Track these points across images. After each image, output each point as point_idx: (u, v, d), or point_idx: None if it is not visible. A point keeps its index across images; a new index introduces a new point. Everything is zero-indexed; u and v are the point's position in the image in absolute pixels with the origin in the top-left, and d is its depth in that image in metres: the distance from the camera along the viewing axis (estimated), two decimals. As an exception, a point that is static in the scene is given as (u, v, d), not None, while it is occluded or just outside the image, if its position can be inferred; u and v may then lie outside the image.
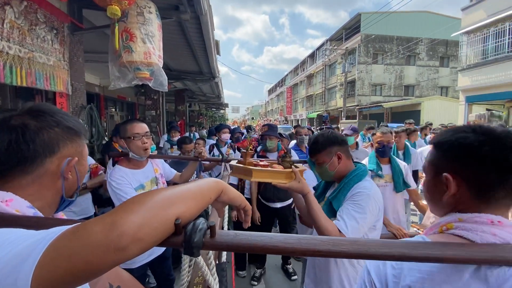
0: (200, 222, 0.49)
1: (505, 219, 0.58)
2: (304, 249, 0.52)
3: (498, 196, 0.59)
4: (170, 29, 4.05)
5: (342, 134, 4.07)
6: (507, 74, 10.82)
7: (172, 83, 6.42)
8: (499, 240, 0.55)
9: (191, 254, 0.48)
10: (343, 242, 0.53)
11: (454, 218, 0.61)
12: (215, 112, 17.93)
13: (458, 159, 0.62)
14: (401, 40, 21.88)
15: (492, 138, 0.59)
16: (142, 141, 1.73)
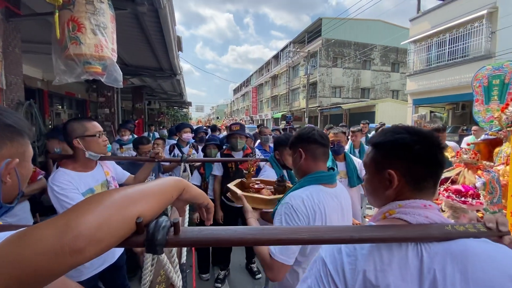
0: (164, 219, 0.49)
1: (433, 203, 0.69)
2: (267, 239, 0.55)
3: (428, 186, 0.70)
4: (126, 22, 3.77)
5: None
6: (447, 80, 12.18)
7: (129, 79, 6.00)
8: (429, 220, 0.64)
9: (154, 252, 0.48)
10: (302, 230, 0.58)
11: (395, 205, 0.69)
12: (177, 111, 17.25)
13: (398, 157, 0.70)
14: (358, 45, 23.40)
15: (422, 137, 0.69)
16: (103, 139, 1.66)
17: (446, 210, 1.37)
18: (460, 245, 0.59)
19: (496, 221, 0.63)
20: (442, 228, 0.61)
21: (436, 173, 0.70)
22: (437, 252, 0.60)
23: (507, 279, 0.54)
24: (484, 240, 0.61)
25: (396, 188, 0.70)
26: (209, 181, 2.99)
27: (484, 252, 0.57)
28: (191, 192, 0.60)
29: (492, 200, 1.53)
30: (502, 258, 0.56)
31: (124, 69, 5.54)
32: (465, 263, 0.57)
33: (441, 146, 0.70)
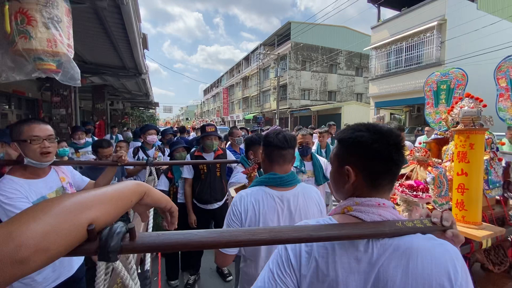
0: (118, 225, 0.48)
1: (387, 201, 0.72)
2: (227, 241, 0.56)
3: (384, 183, 0.73)
4: (85, 17, 3.52)
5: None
6: (404, 85, 13.18)
7: (89, 77, 5.60)
8: (382, 218, 0.68)
9: (107, 259, 0.46)
10: (261, 231, 0.59)
11: (352, 202, 0.73)
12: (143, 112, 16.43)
13: (356, 154, 0.73)
14: (325, 50, 24.41)
15: (380, 136, 0.71)
16: (43, 145, 1.44)
17: (401, 204, 1.47)
18: (406, 242, 0.63)
19: (440, 216, 0.68)
20: (393, 225, 0.65)
21: (391, 171, 0.72)
22: (385, 248, 0.64)
23: (443, 274, 0.58)
24: (430, 237, 0.65)
25: (353, 183, 0.73)
26: (178, 185, 2.90)
27: (425, 249, 0.61)
28: (153, 196, 0.58)
29: (440, 193, 1.67)
30: (441, 255, 0.60)
31: (83, 66, 5.17)
32: (408, 259, 0.61)
33: (398, 145, 0.71)
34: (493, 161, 1.71)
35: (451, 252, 0.61)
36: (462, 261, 0.61)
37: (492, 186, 1.73)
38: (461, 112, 1.37)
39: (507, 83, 1.91)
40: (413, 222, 0.67)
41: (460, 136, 1.37)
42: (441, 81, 2.12)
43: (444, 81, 2.10)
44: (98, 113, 6.86)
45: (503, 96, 1.94)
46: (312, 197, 1.34)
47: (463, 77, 2.02)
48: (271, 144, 1.31)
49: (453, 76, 2.03)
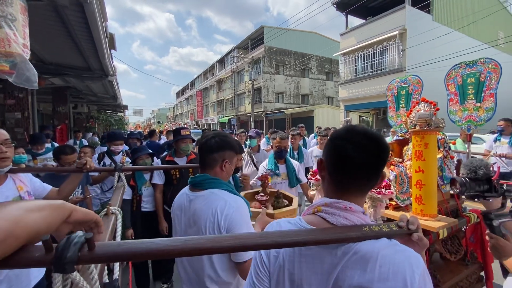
0: (77, 235, 0.47)
1: (356, 205, 0.71)
2: (190, 249, 0.55)
3: (345, 183, 0.73)
4: (44, 15, 3.29)
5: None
6: (371, 89, 13.94)
7: (48, 78, 5.21)
8: (349, 222, 0.68)
9: (62, 270, 0.46)
10: (226, 238, 0.59)
11: (322, 202, 0.73)
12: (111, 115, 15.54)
13: (326, 148, 0.77)
14: (297, 55, 25.09)
15: (347, 134, 0.73)
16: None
17: (367, 200, 1.55)
18: (368, 246, 0.63)
19: (407, 220, 0.69)
20: (360, 229, 0.66)
21: (351, 172, 0.70)
22: (347, 251, 0.64)
23: (399, 279, 0.58)
24: (394, 243, 0.65)
25: (323, 179, 0.77)
26: (142, 193, 2.78)
27: (385, 254, 0.61)
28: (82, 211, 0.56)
29: (402, 190, 1.79)
30: (400, 262, 0.60)
31: (42, 67, 4.79)
32: (367, 262, 0.61)
33: (358, 143, 0.69)
34: (446, 159, 1.87)
35: (411, 259, 0.61)
36: (423, 269, 0.61)
37: (446, 181, 1.89)
38: (416, 115, 1.49)
39: (455, 88, 2.12)
40: (380, 226, 0.67)
41: (416, 137, 1.49)
42: (400, 87, 2.31)
43: (404, 87, 2.29)
44: (59, 117, 6.36)
45: (453, 101, 2.15)
46: (211, 207, 1.19)
47: (419, 83, 2.22)
48: (199, 149, 1.34)
49: (411, 82, 2.23)
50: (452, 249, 1.85)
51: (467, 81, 2.09)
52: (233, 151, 1.31)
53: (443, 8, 13.64)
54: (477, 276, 1.92)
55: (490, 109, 2.04)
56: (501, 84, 2.01)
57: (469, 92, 2.08)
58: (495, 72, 1.99)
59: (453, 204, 1.97)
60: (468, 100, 2.12)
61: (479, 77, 2.05)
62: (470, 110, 2.11)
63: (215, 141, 1.28)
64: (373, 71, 13.89)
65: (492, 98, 2.01)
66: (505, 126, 4.19)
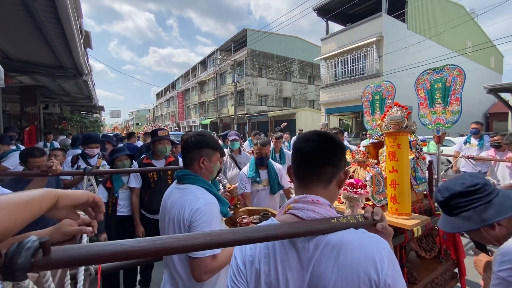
0: (30, 240, 0.44)
1: (322, 199, 0.75)
2: (158, 249, 0.53)
3: (301, 174, 0.78)
4: (11, 9, 3.08)
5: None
6: (350, 93, 14.37)
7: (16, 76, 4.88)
8: (318, 215, 0.71)
9: (12, 278, 0.42)
10: (196, 236, 0.57)
11: (292, 200, 0.77)
12: (85, 117, 14.82)
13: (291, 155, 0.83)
14: (280, 58, 25.41)
15: (304, 134, 0.82)
16: None
17: (344, 201, 1.57)
18: (338, 236, 0.66)
19: (371, 212, 0.74)
20: (328, 221, 0.68)
21: (302, 162, 0.78)
22: (318, 244, 0.67)
23: (370, 264, 0.61)
24: (361, 231, 0.69)
25: (294, 183, 0.81)
26: (118, 195, 2.66)
27: (355, 242, 0.65)
28: (69, 196, 0.56)
29: (378, 190, 1.83)
30: (369, 245, 0.64)
31: (9, 64, 4.49)
32: (338, 252, 0.64)
33: (310, 139, 0.78)
34: (418, 160, 1.95)
35: (379, 243, 0.65)
36: (390, 252, 0.65)
37: (419, 181, 1.96)
38: (388, 118, 1.54)
39: (424, 93, 2.24)
40: (347, 218, 0.70)
41: (389, 138, 1.54)
42: (375, 92, 2.41)
43: (378, 92, 2.39)
44: (28, 118, 5.95)
45: (423, 105, 2.27)
46: (182, 200, 1.25)
47: (392, 88, 2.33)
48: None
49: (384, 88, 2.32)
50: (427, 247, 1.92)
51: (434, 86, 2.21)
52: (210, 149, 1.36)
53: (417, 17, 14.39)
54: (452, 273, 2.00)
55: (456, 112, 2.17)
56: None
57: (437, 97, 2.20)
58: (459, 78, 2.12)
59: (427, 203, 2.06)
60: (436, 104, 2.23)
61: (445, 82, 2.17)
62: (438, 114, 2.23)
63: (193, 140, 1.36)
64: (352, 76, 14.34)
65: (458, 101, 2.14)
66: (479, 128, 4.45)
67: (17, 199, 0.48)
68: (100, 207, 0.64)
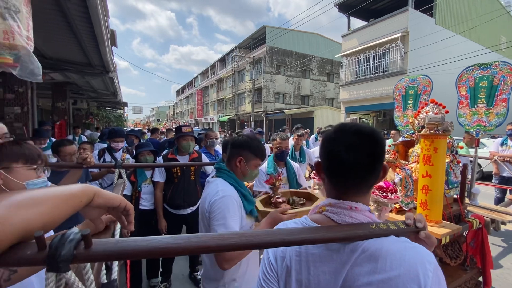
0: (72, 232, 0.45)
1: (361, 205, 0.70)
2: (194, 247, 0.52)
3: (346, 186, 0.70)
4: (46, 8, 3.24)
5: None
6: (372, 91, 13.92)
7: (48, 73, 5.16)
8: (355, 220, 0.67)
9: (56, 269, 0.43)
10: (231, 236, 0.56)
11: (327, 202, 0.73)
12: (110, 112, 15.45)
13: (320, 151, 0.75)
14: (299, 55, 25.06)
15: (338, 135, 0.70)
16: None
17: (371, 204, 1.52)
18: (376, 244, 0.62)
19: (413, 218, 0.68)
20: (367, 227, 0.65)
21: (346, 174, 0.68)
22: (355, 249, 0.63)
23: (412, 276, 0.56)
24: (403, 239, 0.64)
25: (323, 179, 0.75)
26: (141, 189, 2.74)
27: (396, 250, 0.60)
28: (104, 196, 0.56)
29: (407, 193, 1.76)
30: (412, 257, 0.59)
31: (43, 61, 4.73)
32: (377, 259, 0.60)
33: (351, 146, 0.66)
34: (452, 163, 1.84)
35: (423, 255, 0.60)
36: (435, 265, 0.59)
37: (451, 186, 1.86)
38: (427, 118, 1.46)
39: (466, 91, 2.06)
40: (387, 224, 0.66)
41: (425, 141, 1.45)
42: (409, 87, 2.26)
43: (412, 86, 2.24)
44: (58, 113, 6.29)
45: (463, 104, 2.09)
46: (209, 193, 1.32)
47: (429, 83, 2.16)
48: None
49: (420, 82, 2.17)
50: (453, 254, 1.83)
51: (479, 84, 2.01)
52: (250, 152, 1.40)
53: (446, 11, 13.64)
54: (476, 281, 1.91)
55: (501, 115, 1.98)
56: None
57: (481, 96, 2.02)
58: (509, 76, 1.91)
59: (456, 209, 1.95)
60: (479, 104, 2.05)
61: (492, 80, 1.97)
62: (480, 115, 2.05)
63: (239, 139, 1.43)
64: (375, 73, 13.87)
65: (504, 103, 1.94)
66: None
67: (60, 193, 0.49)
68: (130, 215, 0.63)
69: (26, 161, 1.02)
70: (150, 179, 2.80)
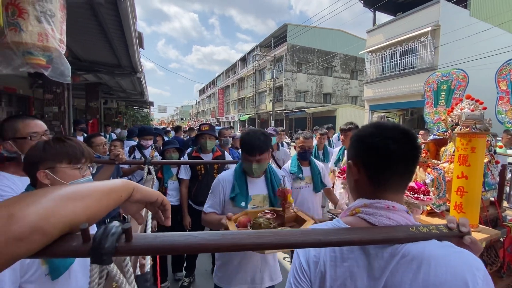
0: (114, 225, 0.46)
1: (398, 204, 0.67)
2: (230, 244, 0.52)
3: (388, 182, 0.68)
4: (80, 13, 3.45)
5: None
6: (398, 89, 13.33)
7: (82, 75, 5.49)
8: (393, 222, 0.64)
9: (100, 262, 0.44)
10: (266, 234, 0.55)
11: (361, 203, 0.69)
12: (137, 111, 16.19)
13: (356, 148, 0.72)
14: (321, 53, 24.57)
15: (380, 130, 0.69)
16: (41, 141, 1.43)
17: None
18: (418, 248, 0.59)
19: (457, 222, 0.64)
20: (407, 230, 0.61)
21: (393, 168, 0.67)
22: (394, 254, 0.60)
23: (460, 283, 0.53)
24: (447, 244, 0.60)
25: (357, 180, 0.71)
26: (167, 186, 2.85)
27: (440, 256, 0.57)
28: (142, 191, 0.57)
29: (439, 194, 1.67)
30: (459, 263, 0.55)
31: (77, 64, 5.06)
32: (419, 265, 0.57)
33: (397, 138, 0.66)
34: (490, 163, 1.72)
35: (471, 261, 0.56)
36: (485, 273, 0.56)
37: (488, 188, 1.74)
38: (463, 115, 1.37)
39: (507, 86, 1.89)
40: (428, 227, 0.62)
41: (462, 139, 1.36)
42: (441, 82, 2.12)
43: (445, 81, 2.10)
44: (91, 112, 6.72)
45: (503, 99, 1.92)
46: None
47: (464, 78, 2.02)
48: None
49: (454, 77, 2.03)
50: (488, 260, 1.72)
51: None
52: (242, 148, 1.64)
53: (482, 3, 12.71)
54: None
55: (548, 111, 1.79)
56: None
57: None
58: None
59: (493, 212, 1.82)
60: None
61: None
62: (524, 111, 1.86)
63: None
64: (402, 70, 13.25)
65: None
66: None
67: (102, 187, 0.50)
68: (167, 210, 0.63)
69: (69, 161, 1.02)
70: (176, 176, 2.89)
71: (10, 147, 1.40)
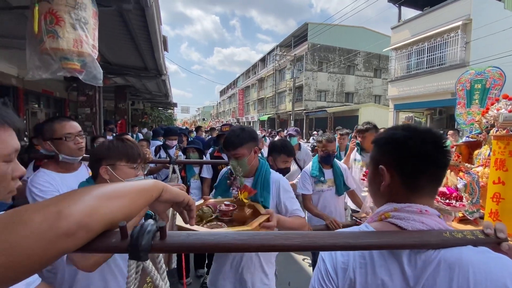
0: (149, 223, 0.48)
1: (431, 208, 0.66)
2: (259, 245, 0.53)
3: (423, 186, 0.67)
4: (110, 19, 3.65)
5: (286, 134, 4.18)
6: (426, 87, 12.70)
7: (112, 78, 5.80)
8: (426, 227, 0.62)
9: (137, 258, 0.46)
10: (294, 236, 0.55)
11: (391, 208, 0.67)
12: (162, 112, 16.81)
13: (389, 153, 0.70)
14: (342, 51, 23.99)
15: (415, 134, 0.67)
16: (76, 141, 1.53)
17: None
18: (455, 254, 0.57)
19: (494, 227, 0.61)
20: (440, 235, 0.59)
21: (430, 172, 0.66)
22: (429, 261, 0.59)
23: None
24: (484, 249, 0.59)
25: (389, 185, 0.68)
26: (190, 184, 2.94)
27: (478, 262, 0.55)
28: (170, 191, 0.59)
29: (472, 201, 1.58)
30: (499, 269, 0.54)
31: (108, 68, 5.35)
32: (456, 273, 0.55)
33: (436, 143, 0.66)
34: (530, 168, 1.60)
35: (510, 267, 0.54)
36: None
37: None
38: (501, 117, 1.29)
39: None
40: (462, 233, 0.60)
41: (499, 142, 1.28)
42: (475, 80, 1.99)
43: (479, 80, 1.97)
44: (120, 113, 7.10)
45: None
46: None
47: (500, 76, 1.89)
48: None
49: (490, 75, 1.90)
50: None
51: None
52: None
53: (521, -7, 11.76)
54: None
55: None
56: None
57: None
58: None
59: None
60: None
61: None
62: None
63: None
64: (429, 67, 12.61)
65: None
66: None
67: (136, 187, 0.52)
68: (192, 211, 0.64)
69: (128, 159, 1.12)
70: (198, 175, 2.98)
71: (48, 147, 1.52)
